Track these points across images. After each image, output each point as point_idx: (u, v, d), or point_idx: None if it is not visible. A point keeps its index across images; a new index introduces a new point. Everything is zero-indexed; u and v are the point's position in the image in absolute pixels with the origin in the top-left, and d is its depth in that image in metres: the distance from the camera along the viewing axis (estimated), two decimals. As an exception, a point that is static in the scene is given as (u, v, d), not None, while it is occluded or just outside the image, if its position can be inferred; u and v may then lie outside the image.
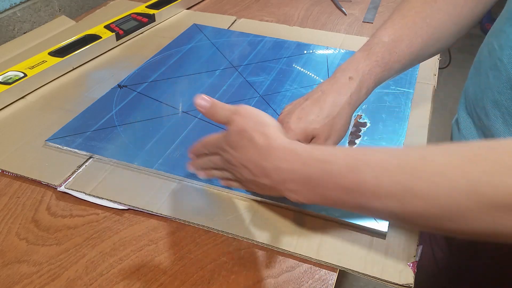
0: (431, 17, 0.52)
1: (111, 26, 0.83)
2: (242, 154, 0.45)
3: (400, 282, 0.43)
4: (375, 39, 0.52)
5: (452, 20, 0.53)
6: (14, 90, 0.68)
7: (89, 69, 0.77)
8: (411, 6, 0.54)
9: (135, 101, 0.67)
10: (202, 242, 0.47)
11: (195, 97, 0.47)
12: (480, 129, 0.54)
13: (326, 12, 0.98)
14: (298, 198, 0.42)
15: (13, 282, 0.43)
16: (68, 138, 0.60)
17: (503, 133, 0.49)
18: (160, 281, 0.44)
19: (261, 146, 0.43)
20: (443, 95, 2.14)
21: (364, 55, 0.51)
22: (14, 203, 0.52)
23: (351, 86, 0.50)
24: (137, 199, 0.51)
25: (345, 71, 0.51)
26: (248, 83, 0.72)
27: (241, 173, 0.46)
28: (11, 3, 0.86)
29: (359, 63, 0.51)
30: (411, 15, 0.53)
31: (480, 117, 0.53)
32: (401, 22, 0.53)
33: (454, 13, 0.53)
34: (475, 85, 0.55)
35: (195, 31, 0.87)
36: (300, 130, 0.49)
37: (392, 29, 0.52)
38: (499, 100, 0.49)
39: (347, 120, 0.51)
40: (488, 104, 0.51)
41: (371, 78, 0.51)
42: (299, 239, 0.47)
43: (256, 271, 0.45)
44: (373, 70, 0.50)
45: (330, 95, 0.50)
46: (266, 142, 0.43)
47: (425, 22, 0.52)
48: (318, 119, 0.49)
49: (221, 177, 0.51)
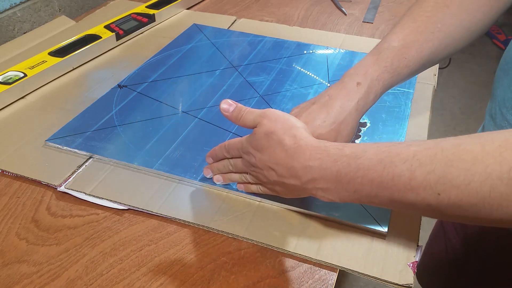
0: (442, 22, 0.51)
1: (111, 26, 0.83)
2: (270, 156, 0.45)
3: (400, 282, 0.43)
4: (384, 43, 0.52)
5: (464, 26, 0.52)
6: (14, 90, 0.68)
7: (89, 69, 0.77)
8: (423, 10, 0.53)
9: (135, 101, 0.67)
10: (202, 242, 0.47)
11: (220, 102, 0.48)
12: (500, 125, 0.53)
13: (326, 12, 0.98)
14: (329, 196, 0.42)
15: (13, 282, 0.43)
16: (68, 138, 0.60)
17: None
18: (160, 281, 0.44)
19: (290, 147, 0.43)
20: (443, 95, 2.14)
21: (373, 60, 0.51)
22: (14, 203, 0.52)
23: (359, 91, 0.49)
24: (137, 199, 0.51)
25: (354, 76, 0.50)
26: (248, 83, 0.72)
27: (266, 175, 0.46)
28: (11, 3, 0.86)
29: (368, 68, 0.50)
30: (422, 19, 0.52)
31: (506, 117, 0.52)
32: (412, 26, 0.52)
33: (466, 18, 0.52)
34: (503, 86, 0.53)
35: (195, 31, 0.87)
36: None
37: (402, 33, 0.51)
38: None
39: (354, 125, 0.50)
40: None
41: (380, 84, 0.50)
42: (299, 239, 0.47)
43: (256, 271, 0.45)
44: (381, 76, 0.50)
45: (338, 100, 0.49)
46: (295, 143, 0.43)
47: (436, 27, 0.51)
48: (324, 124, 0.49)
49: (240, 180, 0.51)
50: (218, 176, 0.52)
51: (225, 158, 0.51)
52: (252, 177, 0.49)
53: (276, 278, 0.44)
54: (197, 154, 0.57)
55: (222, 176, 0.52)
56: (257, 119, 0.46)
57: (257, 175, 0.48)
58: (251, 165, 0.47)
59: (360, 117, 0.51)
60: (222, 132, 0.61)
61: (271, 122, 0.45)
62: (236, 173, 0.51)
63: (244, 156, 0.48)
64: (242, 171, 0.50)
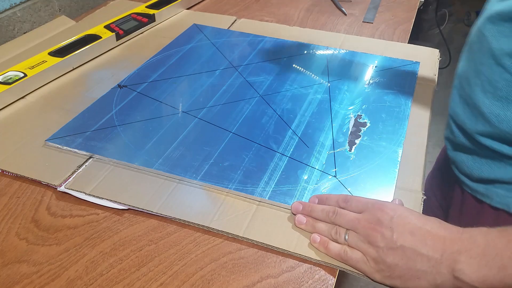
0: None
1: (111, 26, 0.83)
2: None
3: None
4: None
5: None
6: (14, 90, 0.68)
7: (89, 69, 0.77)
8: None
9: (135, 101, 0.67)
10: (202, 242, 0.47)
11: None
12: (463, 98, 0.57)
13: (326, 12, 0.98)
14: (467, 270, 0.38)
15: (13, 282, 0.43)
16: (68, 138, 0.60)
17: (482, 100, 0.53)
18: (160, 281, 0.44)
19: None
20: (443, 95, 2.14)
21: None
22: (14, 203, 0.52)
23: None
24: (137, 199, 0.51)
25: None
26: (248, 83, 0.72)
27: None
28: (11, 3, 0.86)
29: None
30: None
31: (464, 87, 0.57)
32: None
33: None
34: (464, 61, 0.58)
35: (195, 31, 0.87)
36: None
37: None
38: (480, 70, 0.53)
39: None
40: (471, 74, 0.55)
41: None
42: (299, 239, 0.47)
43: (256, 271, 0.45)
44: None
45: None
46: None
47: None
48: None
49: (326, 233, 0.46)
50: (316, 236, 0.46)
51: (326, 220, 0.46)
52: (349, 236, 0.44)
53: (276, 278, 0.44)
54: (197, 154, 0.57)
55: (321, 237, 0.46)
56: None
57: (372, 240, 0.42)
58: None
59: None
60: (222, 131, 0.61)
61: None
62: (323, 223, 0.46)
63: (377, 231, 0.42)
64: (332, 224, 0.46)
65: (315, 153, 0.58)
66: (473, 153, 0.58)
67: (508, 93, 0.50)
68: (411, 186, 0.53)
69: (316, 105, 0.67)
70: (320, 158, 0.57)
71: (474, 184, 0.59)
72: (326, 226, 0.46)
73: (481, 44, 0.53)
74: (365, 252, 0.42)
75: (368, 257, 0.42)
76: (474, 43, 0.56)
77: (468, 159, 0.59)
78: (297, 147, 0.59)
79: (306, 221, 0.47)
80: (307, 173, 0.55)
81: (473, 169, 0.59)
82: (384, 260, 0.41)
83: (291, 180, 0.54)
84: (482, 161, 0.57)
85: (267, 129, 0.62)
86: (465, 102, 0.57)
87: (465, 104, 0.57)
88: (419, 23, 0.89)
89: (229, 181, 0.53)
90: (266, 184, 0.53)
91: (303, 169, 0.55)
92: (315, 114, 0.65)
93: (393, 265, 0.40)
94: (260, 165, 0.56)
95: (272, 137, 0.60)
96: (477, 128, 0.55)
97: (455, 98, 0.60)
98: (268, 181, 0.53)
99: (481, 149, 0.56)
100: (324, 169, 0.55)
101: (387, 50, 0.81)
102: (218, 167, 0.55)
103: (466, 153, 0.60)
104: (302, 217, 0.48)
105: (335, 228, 0.45)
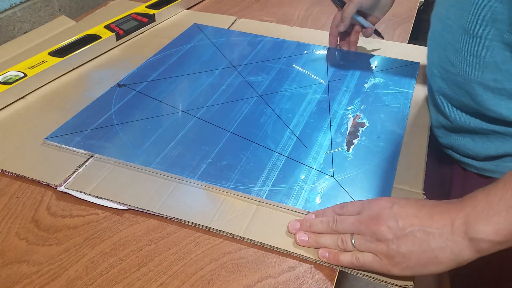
0: None
1: (111, 26, 0.83)
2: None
3: (400, 283, 0.43)
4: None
5: None
6: (14, 90, 0.68)
7: (89, 69, 0.77)
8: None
9: (135, 100, 0.67)
10: (202, 242, 0.48)
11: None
12: (448, 78, 0.58)
13: (326, 12, 0.98)
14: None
15: (13, 282, 0.43)
16: (67, 136, 0.60)
17: (468, 72, 0.55)
18: (160, 281, 0.44)
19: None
20: (443, 95, 2.14)
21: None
22: (14, 203, 0.52)
23: None
24: (137, 199, 0.51)
25: None
26: (248, 82, 0.72)
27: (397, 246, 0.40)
28: (11, 3, 0.86)
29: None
30: None
31: (447, 69, 0.57)
32: None
33: None
34: (436, 49, 0.60)
35: (195, 30, 0.87)
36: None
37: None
38: (460, 48, 0.54)
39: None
40: (452, 54, 0.56)
41: None
42: (299, 239, 0.47)
43: (256, 271, 0.45)
44: None
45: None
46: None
47: None
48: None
49: (332, 245, 0.45)
50: (325, 252, 0.45)
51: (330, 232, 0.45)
52: (353, 242, 0.43)
53: (276, 278, 0.44)
54: (195, 153, 0.57)
55: (329, 252, 0.45)
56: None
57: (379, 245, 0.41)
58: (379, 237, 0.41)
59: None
60: (220, 131, 0.61)
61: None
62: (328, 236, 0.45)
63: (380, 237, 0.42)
64: (335, 232, 0.45)
65: (313, 153, 0.58)
66: (473, 133, 0.58)
67: (493, 57, 0.51)
68: (411, 186, 0.53)
69: (315, 105, 0.67)
70: (317, 158, 0.57)
71: (481, 163, 0.59)
72: (331, 237, 0.45)
73: (450, 27, 0.56)
74: (376, 251, 0.41)
75: (380, 255, 0.41)
76: (442, 31, 0.58)
77: (468, 142, 0.59)
78: (295, 146, 0.59)
79: (308, 237, 0.46)
80: (304, 172, 0.55)
81: (477, 150, 0.58)
82: (397, 251, 0.40)
83: (289, 179, 0.54)
84: (485, 139, 0.57)
85: (266, 129, 0.62)
86: (450, 80, 0.58)
87: (454, 85, 0.57)
88: (419, 23, 0.89)
89: (227, 180, 0.53)
90: (263, 183, 0.53)
91: (301, 168, 0.55)
92: (314, 114, 0.65)
93: (408, 253, 0.40)
94: (257, 165, 0.56)
95: (270, 137, 0.60)
96: (476, 104, 0.55)
97: (436, 80, 0.61)
98: (266, 180, 0.53)
99: (487, 127, 0.56)
100: (321, 169, 0.55)
101: (386, 50, 0.81)
102: (216, 166, 0.55)
103: (466, 136, 0.60)
104: (303, 234, 0.46)
105: (340, 237, 0.44)
